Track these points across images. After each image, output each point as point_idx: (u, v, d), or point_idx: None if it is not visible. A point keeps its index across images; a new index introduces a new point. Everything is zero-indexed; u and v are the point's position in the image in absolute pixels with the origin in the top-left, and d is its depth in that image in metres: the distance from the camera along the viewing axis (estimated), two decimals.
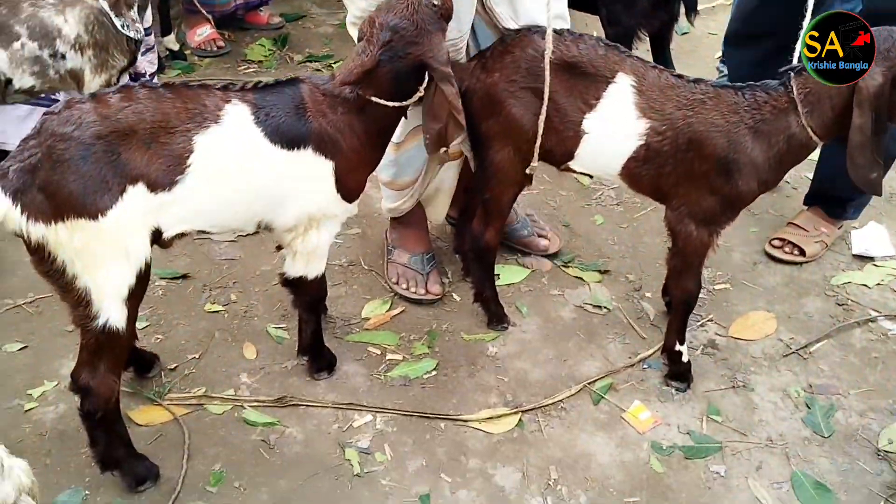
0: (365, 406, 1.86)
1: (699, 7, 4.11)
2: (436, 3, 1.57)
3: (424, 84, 1.64)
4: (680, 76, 1.77)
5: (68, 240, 1.34)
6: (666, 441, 1.82)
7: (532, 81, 1.75)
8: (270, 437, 1.78)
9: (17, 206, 1.30)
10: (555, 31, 1.75)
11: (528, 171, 1.87)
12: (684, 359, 1.95)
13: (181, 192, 1.44)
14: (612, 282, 2.28)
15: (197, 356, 1.96)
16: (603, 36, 2.09)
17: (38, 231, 1.32)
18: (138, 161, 1.37)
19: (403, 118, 1.71)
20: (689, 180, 1.76)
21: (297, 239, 1.69)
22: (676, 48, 3.84)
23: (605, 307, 2.19)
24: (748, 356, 2.05)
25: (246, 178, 1.53)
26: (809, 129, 1.66)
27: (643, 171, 1.81)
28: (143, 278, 1.46)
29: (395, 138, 1.87)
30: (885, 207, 2.64)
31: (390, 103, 1.60)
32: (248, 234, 2.24)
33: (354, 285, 2.23)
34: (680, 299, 1.92)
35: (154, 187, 1.40)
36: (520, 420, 1.85)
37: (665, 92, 1.74)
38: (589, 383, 1.95)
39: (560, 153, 1.85)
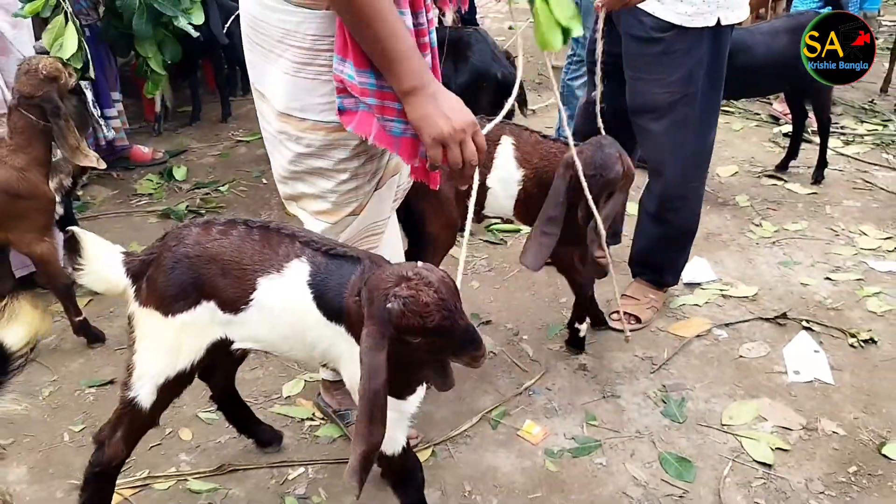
0: (296, 461, 2.10)
1: (534, 106, 4.81)
2: (390, 308, 1.44)
3: None
4: (545, 137, 2.20)
5: (143, 322, 1.59)
6: (556, 447, 2.16)
7: None
8: (216, 499, 1.98)
9: (131, 285, 1.60)
10: None
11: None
12: (581, 334, 2.48)
13: (245, 318, 1.59)
14: (494, 331, 2.66)
15: None
16: None
17: (133, 307, 1.61)
18: (215, 283, 1.57)
19: None
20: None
21: None
22: None
23: (491, 352, 2.55)
24: (612, 372, 2.46)
25: (297, 328, 1.60)
26: None
27: (525, 210, 2.25)
28: (184, 377, 1.65)
29: None
30: (703, 245, 3.21)
31: None
32: None
33: (270, 367, 2.50)
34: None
35: (224, 307, 1.58)
36: (433, 451, 2.14)
37: (535, 147, 2.17)
38: (486, 413, 2.28)
39: (477, 209, 2.21)
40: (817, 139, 3.88)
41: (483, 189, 2.22)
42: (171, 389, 1.67)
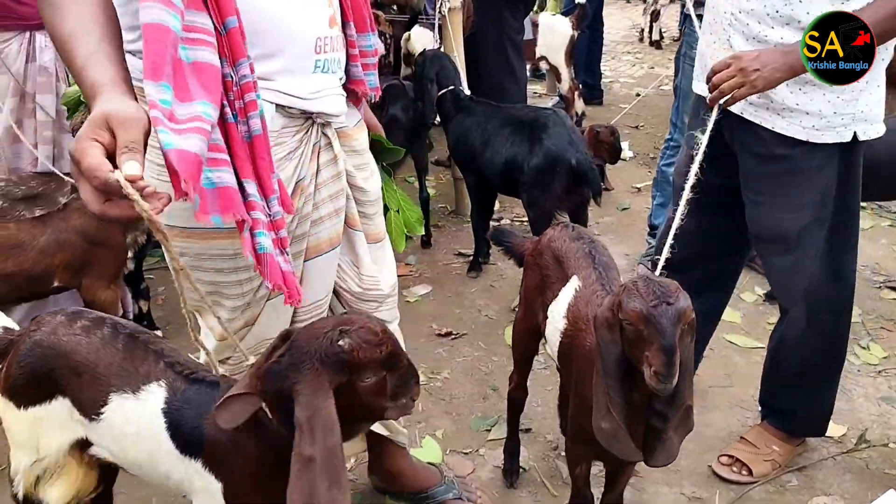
0: None
1: (639, 185, 4.58)
2: (343, 345, 1.21)
3: None
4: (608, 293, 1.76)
5: (3, 410, 1.51)
6: None
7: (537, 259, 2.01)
8: None
9: None
10: (562, 223, 2.05)
11: None
12: None
13: (97, 429, 1.45)
14: (531, 441, 2.46)
15: None
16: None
17: None
18: (69, 381, 1.44)
19: None
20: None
21: None
22: (616, 222, 4.22)
23: (521, 467, 2.34)
24: None
25: (151, 457, 1.44)
26: None
27: (562, 361, 1.88)
28: (56, 472, 1.51)
29: None
30: None
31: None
32: None
33: None
34: None
35: (79, 409, 1.46)
36: None
37: (586, 304, 1.76)
38: None
39: (542, 330, 1.98)
40: None
41: (545, 313, 1.94)
42: (52, 483, 1.51)
